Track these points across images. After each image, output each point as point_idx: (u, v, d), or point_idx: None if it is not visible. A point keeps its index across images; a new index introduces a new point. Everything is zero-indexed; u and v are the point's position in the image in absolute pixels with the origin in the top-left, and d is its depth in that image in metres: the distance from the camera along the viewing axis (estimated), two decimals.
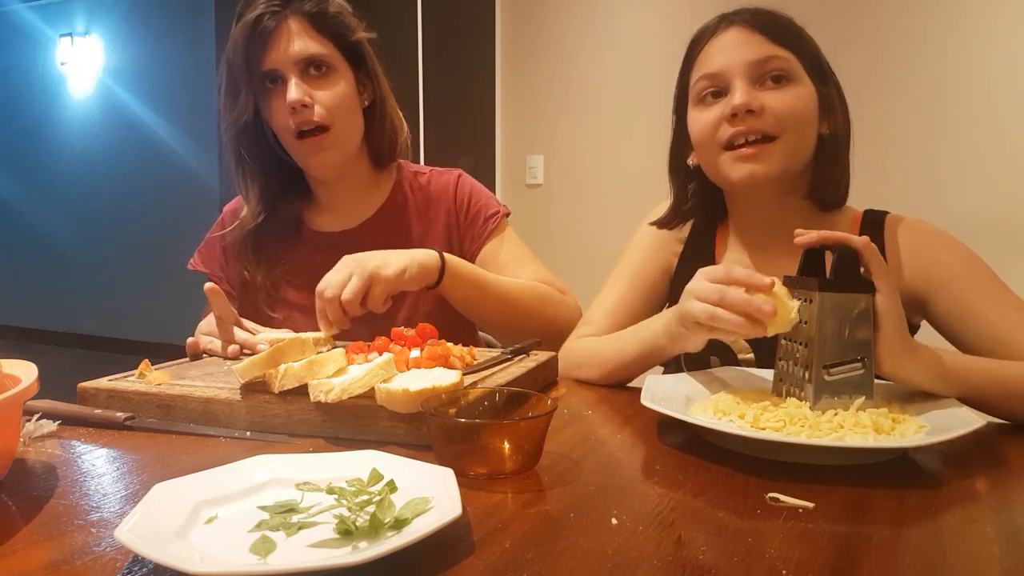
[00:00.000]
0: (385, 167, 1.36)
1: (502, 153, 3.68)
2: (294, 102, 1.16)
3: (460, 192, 1.35)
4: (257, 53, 1.17)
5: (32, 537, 0.56)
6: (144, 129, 5.37)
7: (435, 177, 1.38)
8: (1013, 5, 2.71)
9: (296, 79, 1.17)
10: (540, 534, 0.56)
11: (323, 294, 1.01)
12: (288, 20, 1.18)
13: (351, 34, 1.24)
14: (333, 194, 1.32)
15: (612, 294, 1.20)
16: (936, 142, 2.82)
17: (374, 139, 1.31)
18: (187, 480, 0.60)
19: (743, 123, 0.99)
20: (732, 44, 1.02)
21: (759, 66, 1.00)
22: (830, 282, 0.80)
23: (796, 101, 1.00)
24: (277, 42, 1.17)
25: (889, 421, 0.76)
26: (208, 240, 1.36)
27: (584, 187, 3.50)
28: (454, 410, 0.74)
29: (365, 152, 1.32)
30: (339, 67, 1.22)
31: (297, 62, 1.18)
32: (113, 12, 5.49)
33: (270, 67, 1.18)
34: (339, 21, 1.22)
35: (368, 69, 1.27)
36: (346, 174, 1.29)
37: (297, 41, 1.18)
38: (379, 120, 1.30)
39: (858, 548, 0.55)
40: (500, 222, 1.34)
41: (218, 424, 0.83)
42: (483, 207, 1.34)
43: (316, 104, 1.18)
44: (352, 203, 1.33)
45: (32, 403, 0.84)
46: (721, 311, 0.80)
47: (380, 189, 1.35)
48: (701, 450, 0.76)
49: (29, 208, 6.06)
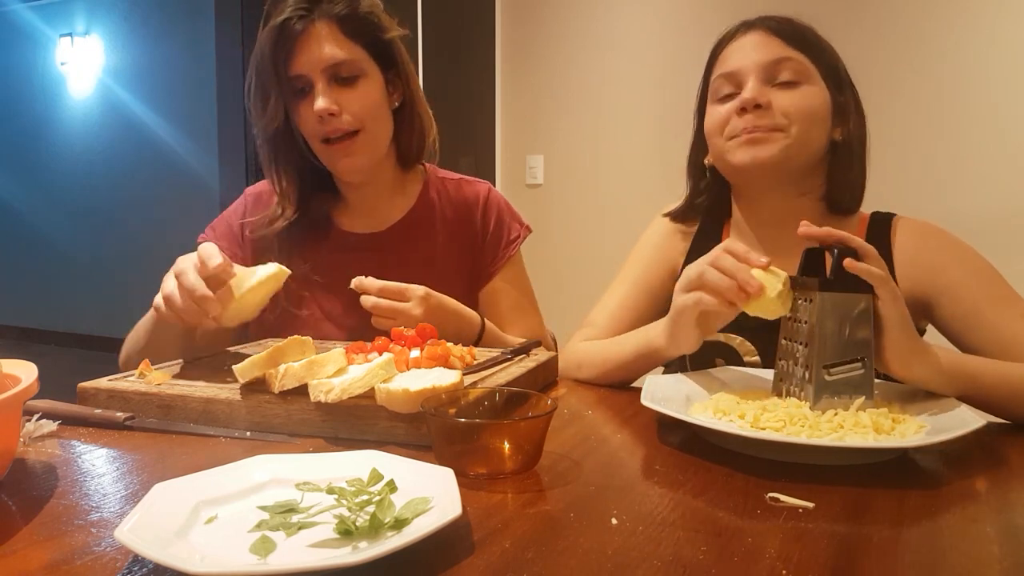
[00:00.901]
0: (411, 168, 1.34)
1: (502, 153, 3.68)
2: (321, 111, 1.14)
3: (488, 210, 1.33)
4: (285, 59, 1.15)
5: (32, 537, 0.56)
6: (144, 129, 5.37)
7: (464, 187, 1.36)
8: (1013, 5, 2.71)
9: (324, 85, 1.15)
10: (540, 534, 0.56)
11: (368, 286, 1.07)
12: (316, 24, 1.15)
13: (383, 34, 1.20)
14: (361, 196, 1.30)
15: (616, 296, 1.20)
16: (936, 142, 2.82)
17: (403, 140, 1.28)
18: (187, 480, 0.60)
19: (751, 116, 1.02)
20: (749, 46, 1.06)
21: (772, 67, 1.03)
22: (830, 282, 0.80)
23: (804, 99, 1.02)
24: (304, 48, 1.15)
25: (889, 421, 0.76)
26: (226, 219, 1.33)
27: (584, 187, 3.50)
28: (454, 410, 0.74)
29: (393, 153, 1.30)
30: (368, 71, 1.19)
31: (325, 69, 1.15)
32: (113, 12, 5.50)
33: (297, 73, 1.15)
34: (370, 21, 1.19)
35: (399, 69, 1.24)
36: (374, 176, 1.27)
37: (325, 46, 1.14)
38: (408, 121, 1.27)
39: (858, 548, 0.55)
40: (517, 251, 1.34)
41: (218, 424, 0.83)
42: (506, 231, 1.34)
43: (344, 112, 1.16)
44: (380, 206, 1.31)
45: (32, 403, 0.84)
46: (711, 270, 0.83)
47: (407, 193, 1.33)
48: (701, 450, 0.76)
49: (29, 208, 6.06)
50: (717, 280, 0.83)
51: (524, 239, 1.35)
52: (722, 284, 0.82)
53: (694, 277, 0.86)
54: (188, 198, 5.02)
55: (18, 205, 6.11)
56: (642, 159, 3.34)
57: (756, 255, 0.83)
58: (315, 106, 1.14)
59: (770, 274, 0.82)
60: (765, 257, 0.83)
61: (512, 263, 1.33)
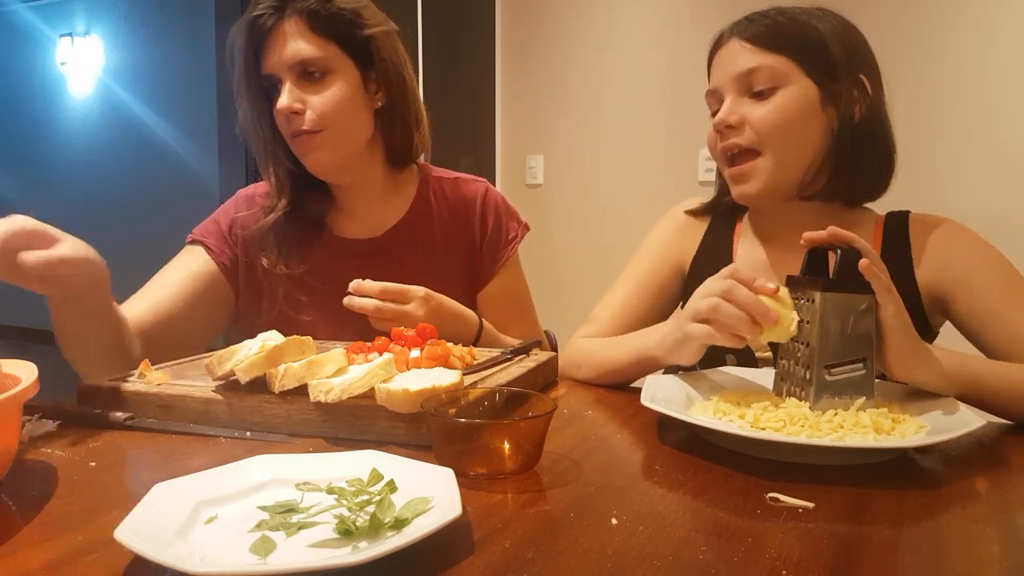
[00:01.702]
0: (402, 168, 1.32)
1: (502, 153, 3.68)
2: (284, 109, 1.13)
3: (486, 210, 1.32)
4: (255, 56, 1.15)
5: (32, 537, 0.56)
6: (144, 129, 5.37)
7: (462, 186, 1.34)
8: (1013, 5, 2.71)
9: (291, 84, 1.14)
10: (540, 534, 0.56)
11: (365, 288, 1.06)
12: (285, 21, 1.13)
13: (360, 30, 1.17)
14: (352, 199, 1.29)
15: (620, 293, 1.20)
16: (936, 142, 2.82)
17: (390, 140, 1.26)
18: (187, 480, 0.60)
19: (726, 137, 1.04)
20: (725, 59, 1.05)
21: (743, 79, 1.02)
22: (833, 282, 0.80)
23: (776, 113, 1.00)
24: (273, 45, 1.14)
25: (889, 421, 0.76)
26: (215, 218, 1.31)
27: (584, 187, 3.50)
28: (454, 410, 0.74)
29: (381, 153, 1.27)
30: (339, 68, 1.16)
31: (292, 67, 1.14)
32: (113, 12, 5.50)
33: (267, 72, 1.15)
34: (343, 18, 1.15)
35: (382, 67, 1.20)
36: (361, 178, 1.26)
37: (292, 44, 1.13)
38: (395, 120, 1.24)
39: (858, 548, 0.55)
40: (515, 251, 1.32)
41: (218, 424, 0.83)
42: (504, 230, 1.32)
43: (308, 109, 1.14)
44: (374, 209, 1.29)
45: (32, 403, 0.84)
46: (725, 304, 0.80)
47: (402, 194, 1.31)
48: (701, 450, 0.76)
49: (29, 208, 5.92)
50: (731, 315, 0.80)
51: (522, 238, 1.34)
52: (736, 320, 0.79)
53: (704, 310, 0.82)
54: (188, 198, 5.01)
55: (18, 205, 6.07)
56: (642, 159, 3.34)
57: (763, 281, 0.81)
58: (278, 104, 1.14)
59: (780, 302, 0.80)
60: (773, 283, 0.81)
61: (510, 265, 1.33)
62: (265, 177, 1.26)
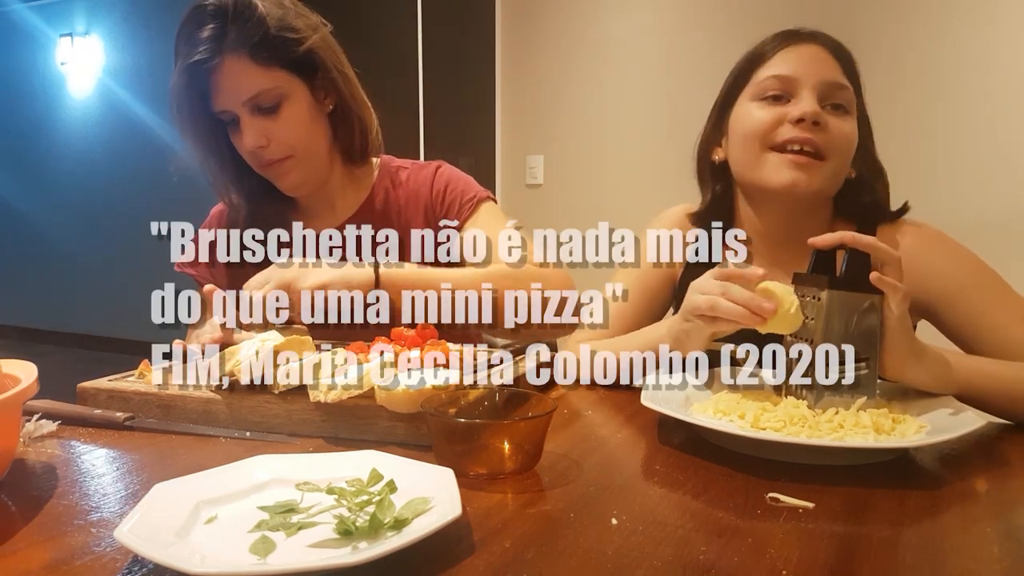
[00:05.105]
0: (360, 163, 1.32)
1: (502, 153, 3.68)
2: (251, 148, 1.15)
3: (437, 184, 1.31)
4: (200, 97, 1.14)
5: (32, 537, 0.56)
6: (144, 129, 5.36)
7: (415, 171, 1.34)
8: (1013, 5, 2.71)
9: (247, 119, 1.14)
10: (540, 534, 0.56)
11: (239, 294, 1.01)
12: (226, 60, 1.11)
13: (299, 47, 1.15)
14: (311, 199, 1.30)
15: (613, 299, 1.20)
16: (935, 142, 2.82)
17: (344, 140, 1.27)
18: (187, 480, 0.60)
19: (806, 131, 0.99)
20: (811, 58, 1.04)
21: (830, 89, 1.02)
22: (839, 280, 0.80)
23: (851, 133, 1.02)
24: (221, 84, 1.13)
25: (889, 421, 0.76)
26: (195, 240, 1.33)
27: (584, 187, 3.50)
28: (454, 410, 0.74)
29: (337, 155, 1.28)
30: (291, 91, 1.16)
31: (245, 103, 1.14)
32: (113, 12, 5.49)
33: (220, 108, 1.15)
34: (282, 40, 1.13)
35: (325, 72, 1.19)
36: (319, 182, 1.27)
37: (241, 81, 1.12)
38: (345, 121, 1.25)
39: (858, 548, 0.55)
40: (478, 207, 1.29)
41: (218, 424, 0.83)
42: (460, 193, 1.30)
43: (272, 142, 1.15)
44: (333, 204, 1.30)
45: (32, 403, 0.84)
46: (722, 300, 0.81)
47: (360, 186, 1.32)
48: (701, 450, 0.76)
49: (29, 208, 6.05)
50: (732, 313, 0.80)
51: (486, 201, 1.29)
52: (737, 315, 0.80)
53: (704, 307, 0.83)
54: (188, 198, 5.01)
55: (18, 205, 6.10)
56: (642, 159, 3.34)
57: (753, 269, 0.82)
58: (243, 143, 1.15)
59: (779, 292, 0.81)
60: (760, 268, 0.82)
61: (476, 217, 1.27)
62: (222, 198, 1.28)
